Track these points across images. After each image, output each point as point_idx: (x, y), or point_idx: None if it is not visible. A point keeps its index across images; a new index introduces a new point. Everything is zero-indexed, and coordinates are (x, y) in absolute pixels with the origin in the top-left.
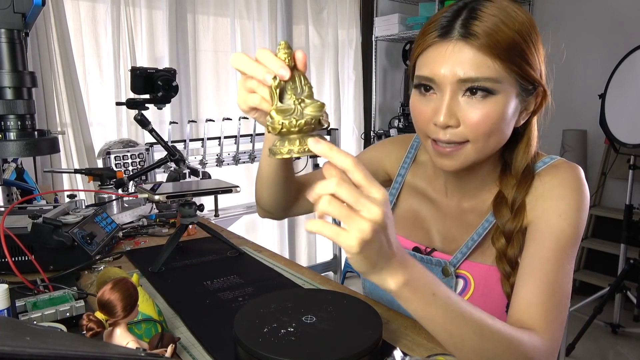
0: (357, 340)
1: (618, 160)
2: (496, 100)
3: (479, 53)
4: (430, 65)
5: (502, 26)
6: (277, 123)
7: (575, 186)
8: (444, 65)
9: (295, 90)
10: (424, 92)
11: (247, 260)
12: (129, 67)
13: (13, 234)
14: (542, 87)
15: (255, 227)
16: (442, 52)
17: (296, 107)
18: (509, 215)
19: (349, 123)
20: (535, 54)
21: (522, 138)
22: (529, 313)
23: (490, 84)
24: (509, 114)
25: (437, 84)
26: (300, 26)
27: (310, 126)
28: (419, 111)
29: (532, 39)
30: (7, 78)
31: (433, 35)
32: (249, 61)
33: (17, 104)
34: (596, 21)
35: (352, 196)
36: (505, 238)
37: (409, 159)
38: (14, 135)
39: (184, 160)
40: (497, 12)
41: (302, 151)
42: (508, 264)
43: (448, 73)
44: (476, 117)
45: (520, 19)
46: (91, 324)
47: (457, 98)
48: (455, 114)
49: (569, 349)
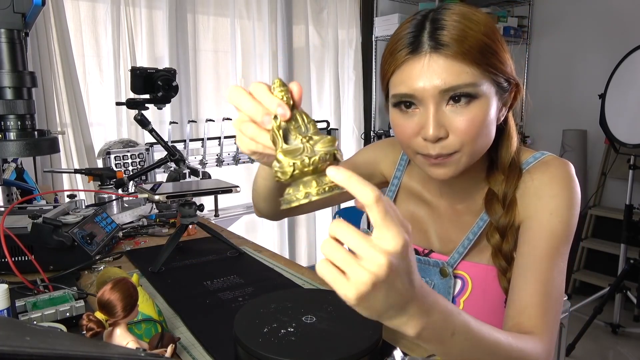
0: (357, 340)
1: (618, 160)
2: (479, 104)
3: (454, 61)
4: (407, 82)
5: (469, 31)
6: (288, 166)
7: (565, 183)
8: (421, 79)
9: (299, 129)
10: (405, 109)
11: (247, 260)
12: (129, 67)
13: (13, 234)
14: (514, 81)
15: (255, 227)
16: (417, 67)
17: (305, 145)
18: (501, 211)
19: (349, 123)
20: (503, 49)
21: (503, 133)
22: (527, 315)
23: (471, 89)
24: (492, 114)
25: (419, 98)
26: (300, 26)
27: (326, 163)
28: (403, 129)
29: (497, 36)
30: (7, 78)
31: (404, 53)
32: (246, 98)
33: (17, 104)
34: (596, 21)
35: (357, 241)
36: (500, 234)
37: (404, 161)
38: (14, 135)
39: (184, 160)
40: (459, 18)
41: (322, 192)
42: (504, 259)
43: (428, 85)
44: (464, 124)
45: (483, 21)
46: (91, 324)
47: (442, 108)
48: (443, 125)
49: (569, 349)
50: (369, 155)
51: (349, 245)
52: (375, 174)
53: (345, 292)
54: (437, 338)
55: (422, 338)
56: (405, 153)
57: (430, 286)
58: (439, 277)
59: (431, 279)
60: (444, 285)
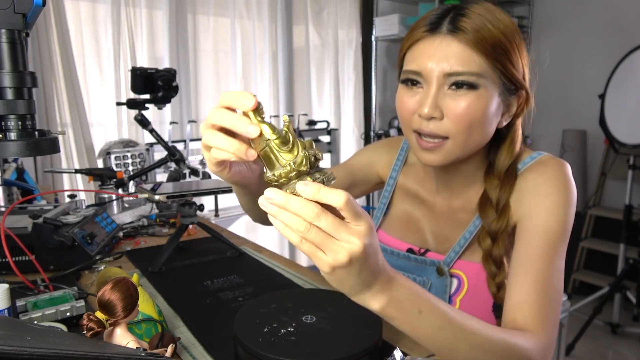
0: (357, 340)
1: (618, 160)
2: (479, 94)
3: (466, 48)
4: (418, 60)
5: (488, 24)
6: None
7: (560, 182)
8: (432, 59)
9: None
10: (411, 86)
11: (247, 260)
12: (129, 67)
13: (14, 234)
14: (524, 90)
15: (255, 227)
16: (430, 46)
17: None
18: (494, 215)
19: (349, 123)
20: (519, 56)
21: (506, 139)
22: (521, 312)
23: (474, 79)
24: (491, 110)
25: (424, 77)
26: (300, 26)
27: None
28: (404, 103)
29: (516, 41)
30: (7, 78)
31: (422, 30)
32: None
33: (17, 104)
34: (596, 21)
35: (333, 227)
36: (491, 238)
37: (400, 162)
38: (14, 135)
39: (184, 160)
40: (484, 12)
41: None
42: (494, 264)
43: (435, 67)
44: (459, 109)
45: (505, 21)
46: (91, 324)
47: (443, 91)
48: (439, 107)
49: (568, 349)
50: (363, 159)
51: (327, 231)
52: (371, 176)
53: (321, 264)
54: (402, 314)
55: (386, 313)
56: (402, 149)
57: (427, 285)
58: (436, 276)
59: (428, 278)
60: (440, 284)
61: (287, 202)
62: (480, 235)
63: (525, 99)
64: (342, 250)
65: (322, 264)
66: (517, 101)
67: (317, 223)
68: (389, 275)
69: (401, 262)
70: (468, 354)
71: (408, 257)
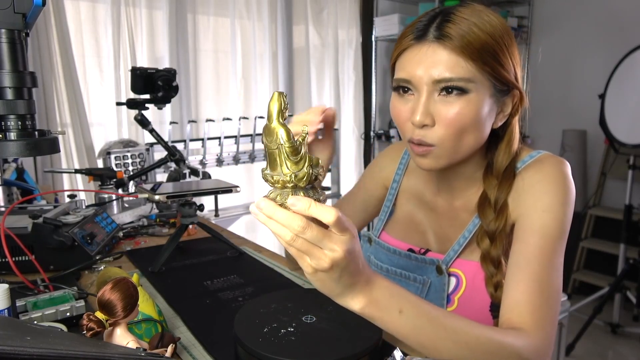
0: (357, 340)
1: (618, 160)
2: (469, 99)
3: (452, 54)
4: (407, 68)
5: (475, 28)
6: None
7: (558, 180)
8: (420, 67)
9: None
10: (402, 94)
11: (247, 260)
12: (129, 67)
13: (13, 234)
14: (517, 90)
15: (255, 227)
16: (418, 55)
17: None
18: (492, 215)
19: (349, 123)
20: (509, 56)
21: (503, 139)
22: (517, 311)
23: (463, 84)
24: (482, 113)
25: (414, 85)
26: (300, 26)
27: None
28: (398, 112)
29: (505, 42)
30: (7, 78)
31: (409, 39)
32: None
33: (17, 104)
34: (596, 21)
35: (317, 239)
36: (489, 238)
37: (403, 165)
38: (14, 135)
39: (184, 160)
40: (470, 15)
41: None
42: (492, 264)
43: (423, 74)
44: (450, 115)
45: (493, 23)
46: (91, 324)
47: (433, 98)
48: (430, 114)
49: (568, 349)
50: (370, 176)
51: (312, 241)
52: (380, 188)
53: (306, 267)
54: (382, 314)
55: (366, 313)
56: (405, 152)
57: (427, 284)
58: (435, 274)
59: (427, 277)
60: (439, 282)
61: (274, 213)
62: (478, 235)
63: (520, 98)
64: (324, 257)
65: (305, 266)
66: (511, 101)
67: (302, 235)
68: (368, 277)
69: (402, 261)
70: (452, 351)
71: (409, 256)
